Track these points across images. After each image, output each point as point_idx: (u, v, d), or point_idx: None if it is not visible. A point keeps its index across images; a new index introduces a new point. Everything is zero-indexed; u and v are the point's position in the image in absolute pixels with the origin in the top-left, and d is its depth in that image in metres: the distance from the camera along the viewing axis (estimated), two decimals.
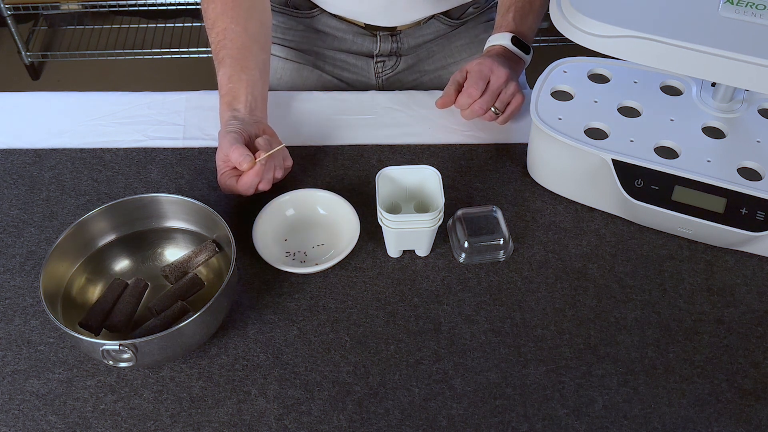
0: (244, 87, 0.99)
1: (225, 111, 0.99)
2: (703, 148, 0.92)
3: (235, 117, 0.98)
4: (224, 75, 1.00)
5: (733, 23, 0.82)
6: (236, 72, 1.00)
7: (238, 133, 0.94)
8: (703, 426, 0.79)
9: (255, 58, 1.03)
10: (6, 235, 0.95)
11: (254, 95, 1.00)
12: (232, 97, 0.99)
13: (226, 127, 0.96)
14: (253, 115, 0.99)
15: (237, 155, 0.90)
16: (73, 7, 2.58)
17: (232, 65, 1.01)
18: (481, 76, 1.03)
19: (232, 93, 0.99)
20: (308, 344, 0.85)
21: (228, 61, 1.01)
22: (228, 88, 1.00)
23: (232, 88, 0.99)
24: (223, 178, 0.94)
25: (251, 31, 1.04)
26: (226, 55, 1.01)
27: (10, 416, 0.79)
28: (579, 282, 0.91)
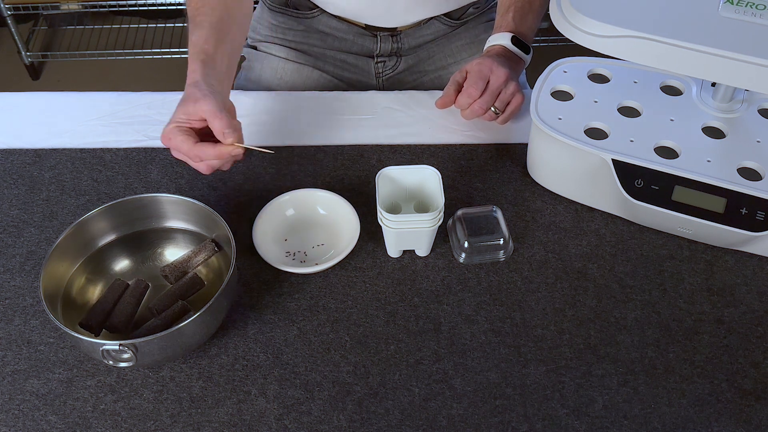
0: (221, 55, 0.94)
1: (199, 68, 0.92)
2: (703, 148, 0.92)
3: (208, 78, 0.91)
4: (201, 36, 0.94)
5: (733, 23, 0.82)
6: (214, 38, 0.94)
7: (221, 97, 0.88)
8: (703, 426, 0.79)
9: (233, 37, 0.98)
10: (6, 235, 0.95)
11: (228, 68, 0.96)
12: (208, 57, 0.93)
13: (205, 86, 0.89)
14: (223, 88, 0.93)
15: (223, 123, 0.85)
16: (73, 7, 2.58)
17: (210, 31, 0.95)
18: (481, 76, 1.03)
19: (207, 53, 0.93)
20: (308, 344, 0.85)
21: (207, 27, 0.95)
22: (204, 49, 0.93)
23: (208, 50, 0.93)
24: (177, 132, 0.87)
25: (231, 8, 1.00)
26: (205, 21, 0.96)
27: (10, 416, 0.79)
28: (579, 282, 0.91)
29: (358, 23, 1.23)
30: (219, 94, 0.88)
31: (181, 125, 0.88)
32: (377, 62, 1.27)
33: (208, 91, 0.88)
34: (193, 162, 0.88)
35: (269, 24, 1.27)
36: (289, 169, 1.03)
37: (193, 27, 0.97)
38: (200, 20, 0.96)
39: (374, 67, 1.27)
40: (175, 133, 0.87)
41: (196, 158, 0.88)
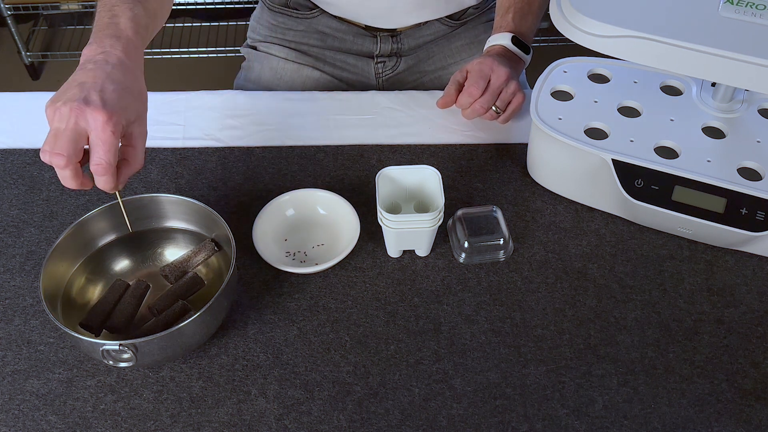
0: (128, 19, 0.81)
1: (129, 35, 0.80)
2: (703, 148, 0.92)
3: (126, 59, 0.77)
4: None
5: (733, 23, 0.82)
6: (126, 3, 0.82)
7: (118, 110, 0.73)
8: (703, 426, 0.79)
9: (154, 5, 0.87)
10: (6, 235, 0.95)
11: (143, 34, 0.82)
12: (135, 29, 0.81)
13: (119, 73, 0.76)
14: (136, 64, 0.80)
15: (109, 185, 0.74)
16: (73, 7, 2.58)
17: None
18: (482, 75, 1.03)
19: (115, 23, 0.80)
20: (308, 344, 0.85)
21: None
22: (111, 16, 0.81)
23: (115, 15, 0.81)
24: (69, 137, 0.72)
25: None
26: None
27: (10, 416, 0.79)
28: (579, 282, 0.91)
29: (358, 24, 1.23)
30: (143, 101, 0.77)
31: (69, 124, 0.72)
32: (377, 62, 1.27)
33: (144, 98, 0.78)
34: (60, 160, 0.72)
35: (269, 24, 1.27)
36: (289, 169, 1.03)
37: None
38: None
39: (374, 67, 1.27)
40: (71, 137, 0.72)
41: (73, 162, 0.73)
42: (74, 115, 0.72)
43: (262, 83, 1.26)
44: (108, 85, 0.74)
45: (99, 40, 0.78)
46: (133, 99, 0.77)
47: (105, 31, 0.79)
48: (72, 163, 0.72)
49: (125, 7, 0.82)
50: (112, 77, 0.75)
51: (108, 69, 0.76)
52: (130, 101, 0.76)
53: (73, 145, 0.72)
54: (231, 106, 1.12)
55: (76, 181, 0.74)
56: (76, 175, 0.73)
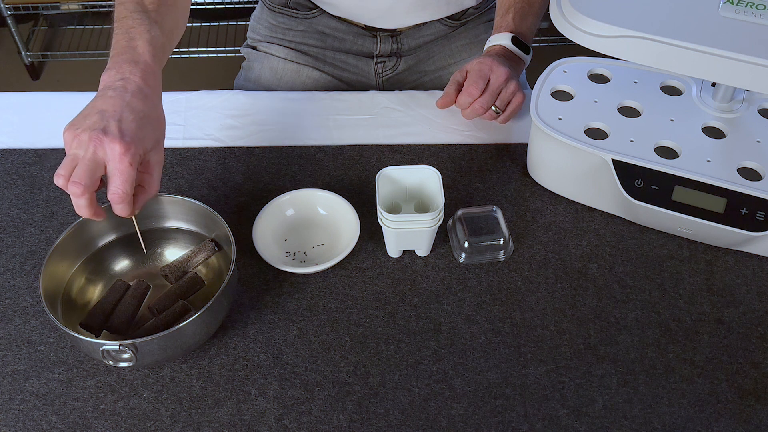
0: (146, 42, 0.82)
1: (147, 59, 0.81)
2: (703, 148, 0.92)
3: (145, 85, 0.79)
4: (124, 28, 0.83)
5: (733, 23, 0.82)
6: (143, 25, 0.83)
7: (136, 143, 0.74)
8: (703, 426, 0.79)
9: (171, 22, 0.88)
10: (6, 235, 0.95)
11: (160, 56, 0.84)
12: (152, 52, 0.82)
13: (137, 101, 0.77)
14: (155, 89, 0.81)
15: (126, 212, 0.75)
16: (73, 7, 2.58)
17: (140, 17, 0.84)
18: (481, 75, 1.03)
19: (132, 47, 0.81)
20: (308, 344, 0.85)
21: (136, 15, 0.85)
22: (128, 39, 0.82)
23: (132, 39, 0.81)
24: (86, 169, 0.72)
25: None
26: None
27: (10, 416, 0.79)
28: (579, 282, 0.91)
29: (358, 24, 1.23)
30: (136, 143, 0.75)
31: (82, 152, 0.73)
32: (377, 63, 1.27)
33: (162, 124, 0.79)
34: (79, 184, 0.72)
35: (269, 24, 1.27)
36: (289, 169, 1.03)
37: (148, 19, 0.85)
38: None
39: (374, 67, 1.27)
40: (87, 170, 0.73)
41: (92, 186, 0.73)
42: (93, 145, 0.73)
43: (262, 83, 1.26)
44: (127, 114, 0.75)
45: (118, 66, 0.79)
46: (152, 128, 0.78)
47: (123, 55, 0.80)
48: (88, 192, 0.73)
49: (142, 28, 0.82)
50: (131, 106, 0.76)
51: (127, 97, 0.77)
52: (149, 130, 0.77)
53: (90, 175, 0.73)
54: (231, 106, 1.12)
55: (90, 210, 0.75)
56: (90, 204, 0.74)
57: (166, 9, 0.88)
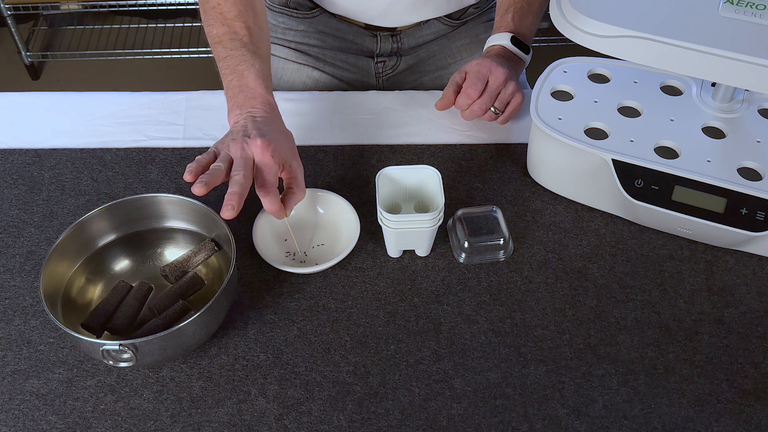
0: (255, 76, 0.91)
1: (261, 92, 0.90)
2: (703, 148, 0.92)
3: (268, 113, 0.89)
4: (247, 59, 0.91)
5: (733, 23, 0.82)
6: (247, 60, 0.91)
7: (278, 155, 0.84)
8: (703, 426, 0.79)
9: (266, 46, 0.97)
10: (6, 235, 0.95)
11: (269, 86, 0.93)
12: (264, 85, 0.91)
13: (266, 122, 0.87)
14: (277, 117, 0.91)
15: (275, 207, 0.84)
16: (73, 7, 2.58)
17: (251, 49, 0.93)
18: (480, 76, 1.03)
19: (263, 76, 0.91)
20: (308, 344, 0.85)
21: (246, 44, 0.93)
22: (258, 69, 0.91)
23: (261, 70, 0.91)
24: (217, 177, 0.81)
25: (261, 20, 0.98)
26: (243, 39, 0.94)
27: (10, 416, 0.79)
28: (579, 282, 0.91)
29: (358, 23, 1.23)
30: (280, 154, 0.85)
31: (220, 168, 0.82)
32: (377, 62, 1.27)
33: (292, 141, 0.89)
34: (239, 187, 0.80)
35: (269, 24, 1.27)
36: None
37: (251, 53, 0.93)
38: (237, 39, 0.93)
39: (374, 67, 1.27)
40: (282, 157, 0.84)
41: (270, 194, 0.83)
42: (240, 147, 0.83)
43: None
44: (261, 126, 0.86)
45: (239, 105, 0.89)
46: (286, 139, 0.88)
47: (240, 95, 0.89)
48: (249, 178, 0.81)
49: (248, 64, 0.91)
50: (263, 123, 0.86)
51: (258, 120, 0.87)
52: (284, 139, 0.87)
53: (245, 166, 0.81)
54: None
55: (274, 206, 0.84)
56: (242, 195, 0.80)
57: (258, 37, 0.95)
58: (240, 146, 0.83)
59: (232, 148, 0.83)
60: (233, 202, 0.79)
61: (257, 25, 0.96)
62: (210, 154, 0.84)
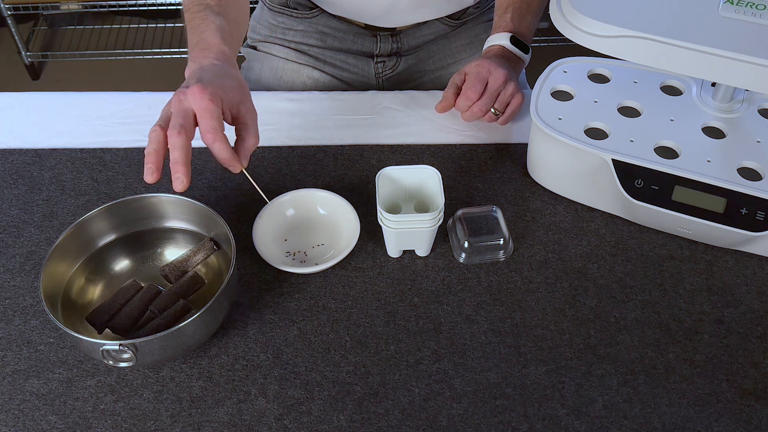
0: (213, 31, 0.87)
1: (216, 43, 0.86)
2: (703, 148, 0.92)
3: (218, 60, 0.84)
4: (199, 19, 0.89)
5: (733, 23, 0.82)
6: (208, 18, 0.89)
7: (218, 98, 0.77)
8: (703, 426, 0.79)
9: (234, 9, 0.94)
10: (6, 235, 0.95)
11: (229, 40, 0.88)
12: (220, 37, 0.87)
13: (213, 68, 0.82)
14: (230, 64, 0.86)
15: (225, 154, 0.78)
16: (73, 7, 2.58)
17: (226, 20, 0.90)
18: (479, 78, 1.03)
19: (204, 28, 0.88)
20: (308, 344, 0.85)
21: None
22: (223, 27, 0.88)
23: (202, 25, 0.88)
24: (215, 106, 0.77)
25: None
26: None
27: (10, 416, 0.79)
28: (579, 282, 0.91)
29: (358, 23, 1.23)
30: (218, 97, 0.79)
31: (179, 119, 0.77)
32: (377, 62, 1.27)
33: (211, 76, 0.80)
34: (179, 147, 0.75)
35: (269, 24, 1.27)
36: (289, 169, 1.03)
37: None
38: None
39: (374, 67, 1.27)
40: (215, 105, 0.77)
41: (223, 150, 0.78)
42: (178, 99, 0.78)
43: (262, 83, 1.26)
44: (204, 74, 0.80)
45: (192, 58, 0.86)
46: (232, 82, 0.82)
47: (195, 49, 0.87)
48: (185, 132, 0.76)
49: (208, 21, 0.89)
50: (206, 70, 0.81)
51: (204, 69, 0.82)
52: (228, 82, 0.81)
53: (183, 117, 0.76)
54: None
55: (226, 154, 0.78)
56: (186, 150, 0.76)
57: (227, 2, 0.93)
58: (177, 99, 0.77)
59: (173, 104, 0.78)
60: (179, 173, 0.74)
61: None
62: (163, 120, 0.78)
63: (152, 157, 0.77)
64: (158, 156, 0.77)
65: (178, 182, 0.75)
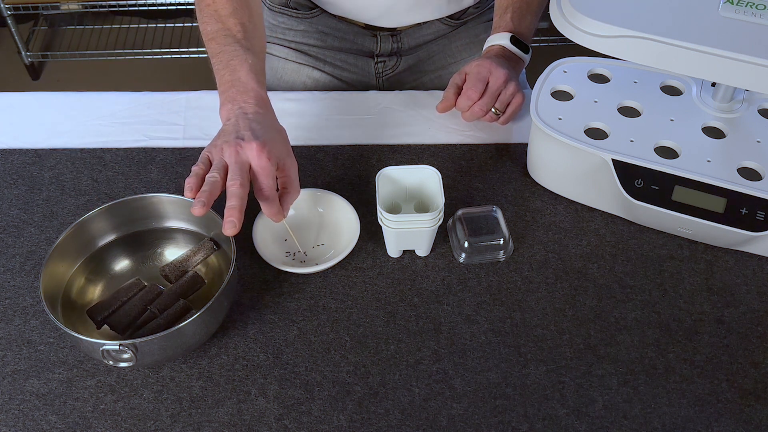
0: (247, 71, 0.88)
1: (254, 87, 0.87)
2: (703, 148, 0.92)
3: (260, 108, 0.86)
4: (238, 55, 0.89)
5: (733, 23, 0.82)
6: (240, 55, 0.89)
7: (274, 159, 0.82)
8: (703, 426, 0.79)
9: (260, 43, 0.95)
10: (6, 235, 0.95)
11: (262, 81, 0.90)
12: (256, 79, 0.88)
13: (259, 118, 0.84)
14: (270, 112, 0.88)
15: (275, 209, 0.83)
16: (73, 7, 2.58)
17: (242, 45, 0.91)
18: (480, 78, 1.03)
19: (255, 73, 0.88)
20: (308, 344, 0.85)
21: (238, 39, 0.91)
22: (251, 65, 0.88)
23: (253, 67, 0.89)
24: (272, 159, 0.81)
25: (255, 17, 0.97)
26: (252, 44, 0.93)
27: (10, 416, 0.79)
28: (579, 282, 0.91)
29: (358, 23, 1.23)
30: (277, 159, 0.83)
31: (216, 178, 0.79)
32: (377, 62, 1.27)
33: (286, 137, 0.87)
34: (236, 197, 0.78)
35: (269, 24, 1.27)
36: None
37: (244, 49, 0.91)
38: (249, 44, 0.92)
39: (374, 67, 1.27)
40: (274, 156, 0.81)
41: (268, 198, 0.82)
42: (234, 150, 0.80)
43: None
44: (255, 125, 0.83)
45: (230, 100, 0.86)
46: (279, 136, 0.85)
47: (232, 89, 0.87)
48: (244, 188, 0.79)
49: (240, 59, 0.89)
50: (255, 121, 0.84)
51: (250, 117, 0.84)
52: (277, 136, 0.85)
53: (241, 172, 0.79)
54: None
55: (273, 209, 0.83)
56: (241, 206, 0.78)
57: (252, 34, 0.94)
58: (234, 150, 0.80)
59: (227, 153, 0.81)
60: (233, 217, 0.77)
61: (252, 23, 0.95)
62: (205, 161, 0.81)
63: (204, 195, 0.78)
64: (211, 197, 0.78)
65: (231, 225, 0.77)
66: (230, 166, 0.80)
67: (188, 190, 0.79)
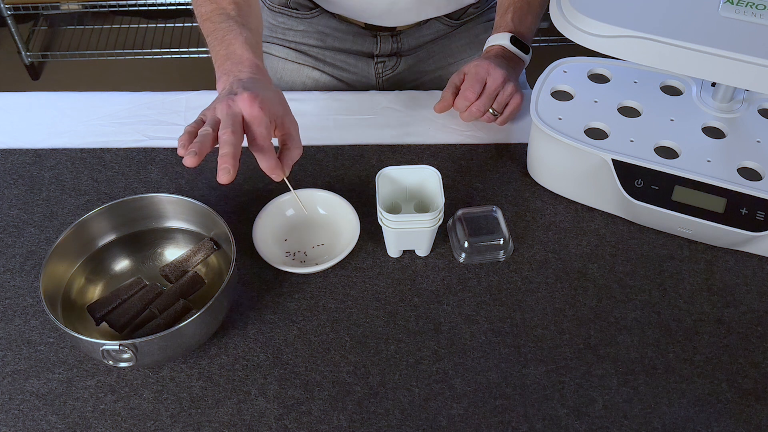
0: (242, 44, 0.88)
1: (249, 57, 0.86)
2: (703, 148, 0.92)
3: (255, 74, 0.85)
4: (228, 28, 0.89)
5: (733, 23, 0.82)
6: (234, 30, 0.89)
7: (268, 113, 0.80)
8: (703, 426, 0.79)
9: (255, 21, 0.95)
10: (6, 235, 0.95)
11: (258, 53, 0.90)
12: (251, 50, 0.87)
13: (254, 81, 0.83)
14: (266, 78, 0.87)
15: (272, 161, 0.80)
16: (73, 7, 2.58)
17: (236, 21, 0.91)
18: (478, 78, 1.03)
19: (243, 41, 0.88)
20: (308, 344, 0.85)
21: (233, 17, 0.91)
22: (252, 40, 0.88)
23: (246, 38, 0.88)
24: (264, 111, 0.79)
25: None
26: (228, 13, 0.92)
27: (10, 416, 0.79)
28: (579, 282, 0.91)
29: (358, 23, 1.23)
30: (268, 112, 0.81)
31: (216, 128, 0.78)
32: (377, 62, 1.27)
33: (285, 101, 0.85)
34: (230, 145, 0.76)
35: (269, 24, 1.27)
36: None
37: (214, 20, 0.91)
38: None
39: (374, 67, 1.27)
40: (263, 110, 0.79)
41: (263, 150, 0.79)
42: (227, 104, 0.79)
43: None
44: (248, 84, 0.82)
45: (226, 72, 0.86)
46: (274, 95, 0.84)
47: (227, 62, 0.87)
48: (236, 135, 0.77)
49: (235, 33, 0.89)
50: (250, 81, 0.83)
51: (244, 80, 0.83)
52: (271, 95, 0.83)
53: (233, 123, 0.77)
54: None
55: (271, 162, 0.80)
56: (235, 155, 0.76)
57: (246, 11, 0.94)
58: (226, 104, 0.79)
59: (218, 109, 0.79)
60: (227, 164, 0.74)
61: (246, 2, 0.95)
62: (197, 122, 0.80)
63: (196, 146, 0.76)
64: (203, 148, 0.76)
65: (224, 173, 0.75)
66: (222, 118, 0.78)
67: (181, 147, 0.77)
